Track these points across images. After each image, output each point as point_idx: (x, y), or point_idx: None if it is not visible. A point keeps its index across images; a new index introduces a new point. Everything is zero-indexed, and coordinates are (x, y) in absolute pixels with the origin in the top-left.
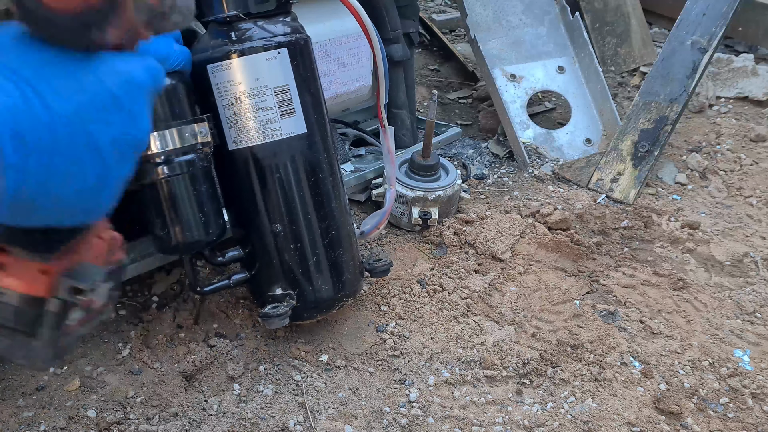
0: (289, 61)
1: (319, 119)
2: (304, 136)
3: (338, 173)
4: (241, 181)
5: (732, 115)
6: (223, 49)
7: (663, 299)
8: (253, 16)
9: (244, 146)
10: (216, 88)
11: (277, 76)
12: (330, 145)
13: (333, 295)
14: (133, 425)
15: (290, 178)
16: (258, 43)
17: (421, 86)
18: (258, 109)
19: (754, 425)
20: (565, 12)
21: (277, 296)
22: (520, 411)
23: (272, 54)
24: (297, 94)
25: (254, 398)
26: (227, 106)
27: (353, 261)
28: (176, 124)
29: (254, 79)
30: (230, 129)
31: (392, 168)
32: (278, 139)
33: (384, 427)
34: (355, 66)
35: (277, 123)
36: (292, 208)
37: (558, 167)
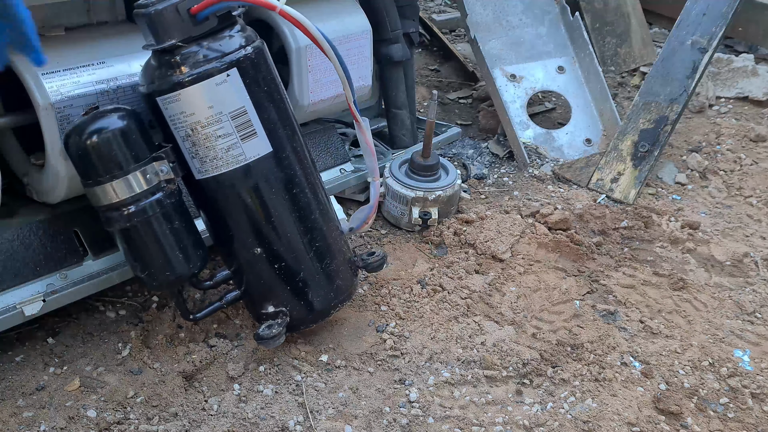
0: (241, 81)
1: (286, 131)
2: (270, 155)
3: (316, 181)
4: (213, 209)
5: (732, 115)
6: (169, 80)
7: (663, 299)
8: (195, 38)
9: (209, 176)
10: (170, 120)
11: (231, 100)
12: (303, 154)
13: (326, 304)
14: (133, 425)
15: (263, 200)
16: (204, 69)
17: (421, 86)
18: (217, 138)
19: (754, 425)
20: (565, 12)
21: (270, 314)
22: (520, 411)
23: (221, 78)
24: (256, 113)
25: (254, 398)
26: (185, 137)
27: (344, 266)
28: (138, 166)
29: (207, 108)
30: (193, 159)
31: (373, 160)
32: (243, 165)
33: (384, 427)
34: (355, 66)
35: (239, 148)
36: (270, 230)
37: (558, 167)
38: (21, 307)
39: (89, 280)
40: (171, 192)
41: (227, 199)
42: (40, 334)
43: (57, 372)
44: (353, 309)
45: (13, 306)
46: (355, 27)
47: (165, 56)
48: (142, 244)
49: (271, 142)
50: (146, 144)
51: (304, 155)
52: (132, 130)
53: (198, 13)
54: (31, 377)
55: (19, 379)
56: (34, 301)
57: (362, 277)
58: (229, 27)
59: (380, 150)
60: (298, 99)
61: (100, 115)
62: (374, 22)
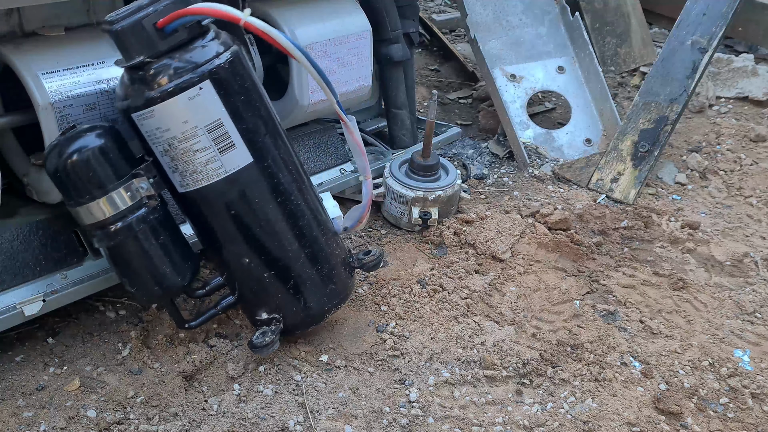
0: (215, 93)
1: (267, 138)
2: (251, 165)
3: (304, 185)
4: (198, 221)
5: (732, 115)
6: (141, 96)
7: (663, 299)
8: (165, 52)
9: (191, 189)
10: (147, 135)
11: (205, 114)
12: (288, 159)
13: (320, 309)
14: (133, 425)
15: (248, 211)
16: (176, 83)
17: (421, 86)
18: (194, 152)
19: (754, 425)
20: (565, 12)
21: (264, 320)
22: (520, 411)
23: (193, 92)
24: (233, 124)
25: (254, 398)
26: (163, 152)
27: (338, 268)
28: (119, 184)
29: (182, 123)
30: (173, 174)
31: (363, 159)
32: (224, 177)
33: (384, 427)
34: (355, 66)
35: (218, 161)
36: (257, 240)
37: (558, 167)
38: (21, 307)
39: (89, 280)
40: (154, 207)
41: (211, 212)
42: (40, 334)
43: (57, 372)
44: (353, 309)
45: (13, 306)
46: (355, 27)
47: (136, 72)
48: (129, 261)
49: (251, 152)
50: (126, 160)
51: (289, 160)
52: (110, 148)
53: (165, 27)
54: (31, 377)
55: (19, 379)
56: (34, 301)
57: (362, 277)
58: (200, 37)
59: (380, 150)
60: (298, 99)
61: (77, 136)
62: (374, 22)
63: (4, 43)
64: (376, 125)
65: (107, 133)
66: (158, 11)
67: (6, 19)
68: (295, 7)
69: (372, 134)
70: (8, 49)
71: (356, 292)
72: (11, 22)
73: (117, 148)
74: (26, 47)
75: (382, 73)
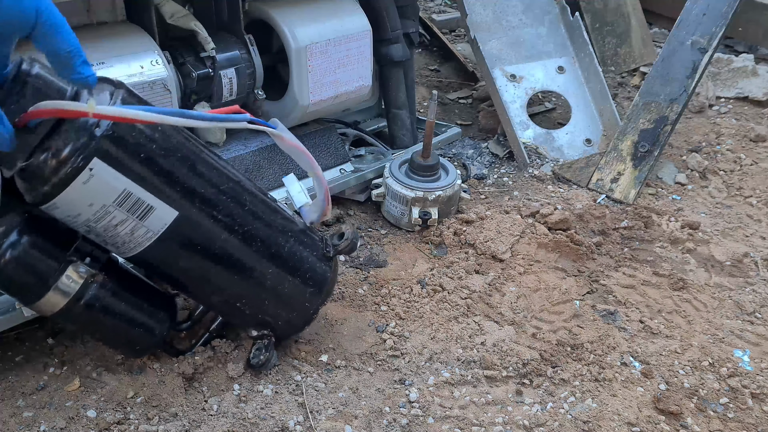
0: (109, 167)
1: (188, 178)
2: (179, 218)
3: (252, 204)
4: (155, 274)
5: (732, 115)
6: (39, 192)
7: (663, 299)
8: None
9: (130, 255)
10: (64, 221)
11: (108, 191)
12: (223, 183)
13: (305, 312)
14: (133, 425)
15: (196, 257)
16: (64, 172)
17: (421, 86)
18: (114, 227)
19: (754, 425)
20: (565, 12)
21: (255, 336)
22: (520, 411)
23: (85, 175)
24: (141, 188)
25: (254, 398)
26: (86, 232)
27: (312, 269)
28: (61, 271)
29: (88, 206)
30: (107, 245)
31: (306, 157)
32: (155, 240)
33: (384, 427)
34: (355, 66)
35: (143, 228)
36: (217, 277)
37: (558, 167)
38: (21, 308)
39: None
40: (103, 282)
41: (161, 269)
42: (40, 334)
43: (57, 372)
44: (353, 309)
45: (13, 306)
46: (355, 27)
47: (23, 175)
48: (103, 331)
49: (173, 205)
50: (59, 246)
51: (223, 185)
52: (36, 242)
53: (27, 124)
54: (31, 377)
55: (19, 379)
56: None
57: (362, 277)
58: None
59: (380, 150)
60: (298, 99)
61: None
62: (374, 22)
63: None
64: (376, 125)
65: (29, 227)
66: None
67: None
68: (295, 7)
69: (372, 134)
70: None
71: (356, 292)
72: None
73: (44, 239)
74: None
75: (382, 73)
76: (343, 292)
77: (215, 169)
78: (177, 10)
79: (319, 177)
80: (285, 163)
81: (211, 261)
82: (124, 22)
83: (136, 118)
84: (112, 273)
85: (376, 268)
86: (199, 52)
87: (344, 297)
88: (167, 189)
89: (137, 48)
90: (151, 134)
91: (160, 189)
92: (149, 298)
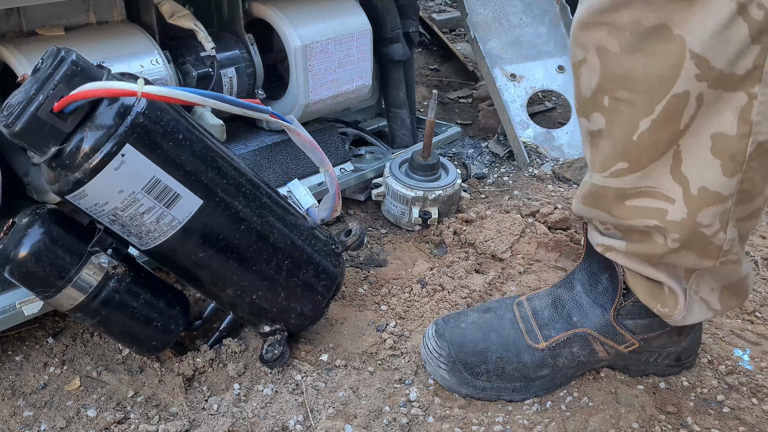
0: (140, 153)
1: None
2: (203, 206)
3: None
4: (172, 268)
5: None
6: (68, 181)
7: None
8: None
9: (152, 246)
10: (89, 211)
11: (138, 177)
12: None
13: (317, 307)
14: (133, 425)
15: (215, 249)
16: (96, 159)
17: (421, 86)
18: (141, 215)
19: (753, 425)
20: (565, 11)
21: (267, 332)
22: (520, 411)
23: (117, 161)
24: (170, 175)
25: (254, 398)
26: (111, 222)
27: (322, 264)
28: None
29: (117, 194)
30: (130, 237)
31: (318, 152)
32: (179, 228)
33: (384, 426)
34: (355, 65)
35: (169, 216)
36: (233, 271)
37: (558, 167)
38: (21, 307)
39: None
40: (123, 273)
41: (180, 260)
42: (40, 333)
43: (57, 372)
44: (353, 308)
45: (13, 306)
46: (355, 26)
47: (54, 162)
48: (118, 329)
49: (198, 194)
50: (79, 237)
51: (241, 179)
52: (59, 235)
53: (63, 110)
54: (31, 377)
55: (19, 379)
56: (34, 301)
57: (362, 276)
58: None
59: (380, 150)
60: (298, 98)
61: (19, 234)
62: (374, 22)
63: (4, 43)
64: (376, 125)
65: (50, 220)
66: (49, 96)
67: (6, 19)
68: (295, 6)
69: (372, 133)
70: (8, 49)
71: (356, 291)
72: (11, 22)
73: (65, 231)
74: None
75: (382, 73)
76: (343, 291)
77: (232, 163)
78: (177, 10)
79: (331, 173)
80: (285, 162)
81: (230, 251)
82: (124, 21)
83: (179, 98)
84: (131, 268)
85: (376, 268)
86: (199, 51)
87: (344, 296)
88: (193, 177)
89: (137, 47)
90: (178, 124)
91: (187, 177)
92: (165, 295)
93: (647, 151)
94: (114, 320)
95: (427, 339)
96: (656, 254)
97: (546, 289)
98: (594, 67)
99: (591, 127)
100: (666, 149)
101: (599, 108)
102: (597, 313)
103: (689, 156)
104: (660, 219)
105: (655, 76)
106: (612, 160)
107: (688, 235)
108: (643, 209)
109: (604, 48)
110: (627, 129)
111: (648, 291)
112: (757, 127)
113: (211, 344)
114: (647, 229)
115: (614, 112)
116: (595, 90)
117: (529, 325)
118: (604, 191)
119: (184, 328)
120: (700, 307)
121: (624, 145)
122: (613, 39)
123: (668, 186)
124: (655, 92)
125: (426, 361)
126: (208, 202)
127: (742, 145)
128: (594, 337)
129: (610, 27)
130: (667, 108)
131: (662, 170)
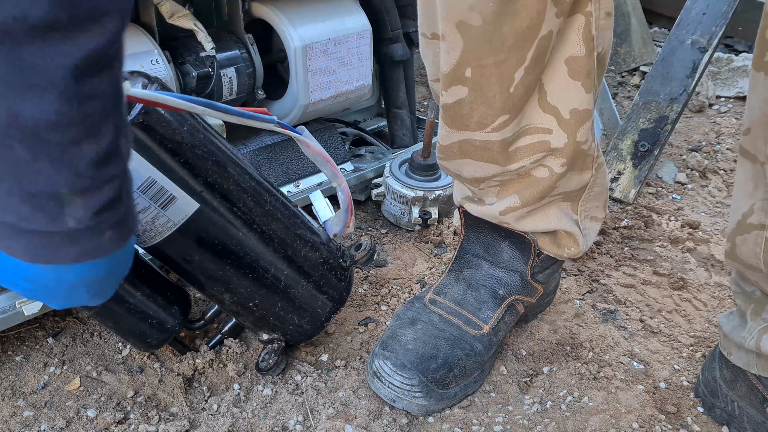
0: (137, 153)
1: (211, 173)
2: (199, 210)
3: (270, 204)
4: (171, 267)
5: (732, 114)
6: None
7: (663, 298)
8: None
9: (149, 245)
10: None
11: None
12: (244, 181)
13: (316, 321)
14: (133, 425)
15: (211, 252)
16: None
17: (421, 86)
18: (137, 214)
19: None
20: None
21: (265, 340)
22: (520, 410)
23: None
24: (166, 177)
25: (254, 398)
26: None
27: (326, 278)
28: None
29: None
30: None
31: (331, 166)
32: (174, 230)
33: (384, 427)
34: (355, 65)
35: (164, 217)
36: (230, 275)
37: None
38: (21, 307)
39: None
40: None
41: (177, 259)
42: (40, 333)
43: (57, 372)
44: (353, 309)
45: (13, 305)
46: (355, 26)
47: None
48: (117, 320)
49: (194, 197)
50: None
51: (245, 182)
52: None
53: None
54: (31, 377)
55: (19, 379)
56: (34, 301)
57: (362, 276)
58: None
59: (380, 150)
60: (298, 98)
61: None
62: (374, 22)
63: None
64: (376, 125)
65: None
66: None
67: None
68: (295, 6)
69: (372, 133)
70: None
71: (356, 291)
72: None
73: None
74: None
75: (382, 73)
76: None
77: (239, 167)
78: (177, 10)
79: (344, 187)
80: (285, 163)
81: (227, 257)
82: None
83: (166, 103)
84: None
85: (376, 268)
86: (199, 51)
87: None
88: (190, 181)
89: (137, 47)
90: (179, 127)
91: (184, 180)
92: (164, 292)
93: (522, 97)
94: (110, 313)
95: (384, 378)
96: (548, 186)
97: (447, 278)
98: (455, 44)
99: (447, 100)
100: (534, 87)
101: (460, 81)
102: (516, 278)
103: (552, 86)
104: (545, 149)
105: (524, 28)
106: (491, 117)
107: (572, 156)
108: (526, 147)
109: (466, 23)
110: (502, 85)
111: (552, 243)
112: (597, 41)
113: (212, 346)
114: (534, 165)
115: (480, 78)
116: (455, 65)
117: (462, 316)
118: (488, 145)
119: (185, 327)
120: (593, 226)
121: (503, 100)
122: (474, 14)
123: (540, 119)
124: (525, 42)
125: (395, 399)
126: (205, 205)
127: (591, 60)
128: (519, 300)
129: (471, 2)
130: (536, 51)
131: (531, 107)
